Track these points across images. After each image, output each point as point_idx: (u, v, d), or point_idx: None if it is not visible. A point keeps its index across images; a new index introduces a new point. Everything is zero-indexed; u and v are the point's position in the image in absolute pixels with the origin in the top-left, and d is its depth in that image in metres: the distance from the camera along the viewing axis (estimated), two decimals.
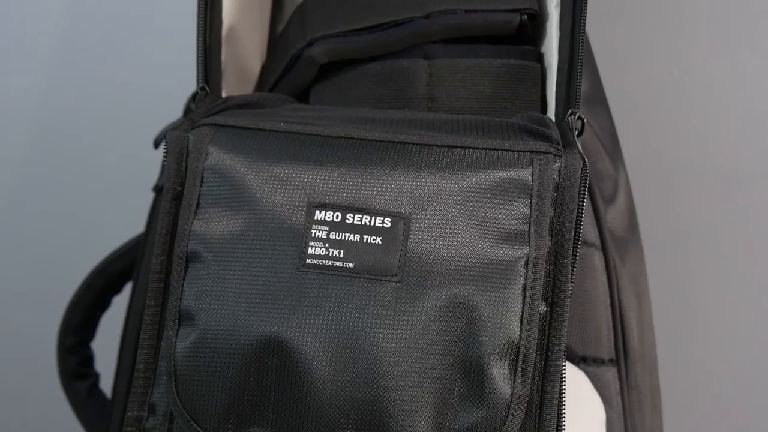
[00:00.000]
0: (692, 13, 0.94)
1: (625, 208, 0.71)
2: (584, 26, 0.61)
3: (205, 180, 0.53)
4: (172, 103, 0.72)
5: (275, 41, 0.72)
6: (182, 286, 0.52)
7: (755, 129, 0.97)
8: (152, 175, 0.70)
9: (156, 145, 0.68)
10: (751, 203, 0.98)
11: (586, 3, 0.61)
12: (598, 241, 0.65)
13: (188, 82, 0.62)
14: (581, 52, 0.60)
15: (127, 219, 0.79)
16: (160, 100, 0.80)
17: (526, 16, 0.63)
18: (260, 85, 0.69)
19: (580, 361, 0.62)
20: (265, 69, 0.70)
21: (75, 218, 1.05)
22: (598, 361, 0.63)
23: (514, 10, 0.63)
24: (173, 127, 0.57)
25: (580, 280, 0.63)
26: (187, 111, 0.63)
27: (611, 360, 0.64)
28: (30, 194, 1.06)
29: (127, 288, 0.72)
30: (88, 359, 0.75)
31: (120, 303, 0.73)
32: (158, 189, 0.68)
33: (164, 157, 0.55)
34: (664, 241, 0.95)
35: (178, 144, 0.55)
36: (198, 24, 0.61)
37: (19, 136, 1.04)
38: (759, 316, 0.99)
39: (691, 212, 0.99)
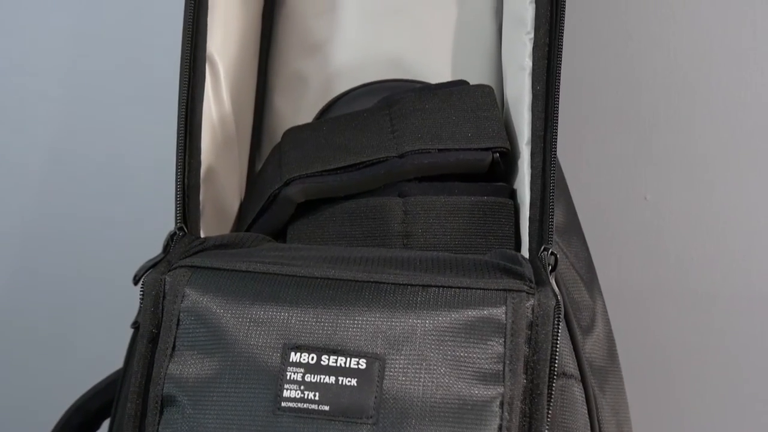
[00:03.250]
0: (664, 140, 0.96)
1: (603, 337, 0.71)
2: (555, 164, 0.62)
3: (181, 322, 0.54)
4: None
5: (254, 179, 0.73)
6: (157, 431, 0.52)
7: (730, 252, 0.98)
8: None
9: (135, 281, 0.69)
10: (728, 326, 0.99)
11: (556, 141, 0.62)
12: (577, 373, 0.65)
13: None
14: (553, 189, 0.61)
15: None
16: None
17: (498, 154, 0.65)
18: (238, 223, 0.70)
19: None
20: (243, 207, 0.71)
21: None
22: None
23: (486, 149, 0.64)
24: (151, 265, 0.58)
25: (559, 413, 0.62)
26: (166, 249, 0.64)
27: None
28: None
29: (106, 424, 0.72)
30: None
31: None
32: (136, 326, 0.68)
33: (141, 299, 0.56)
34: (643, 369, 0.95)
35: (154, 287, 0.55)
36: (177, 165, 0.62)
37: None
38: None
39: (669, 337, 0.99)
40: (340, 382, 0.51)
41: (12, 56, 1.01)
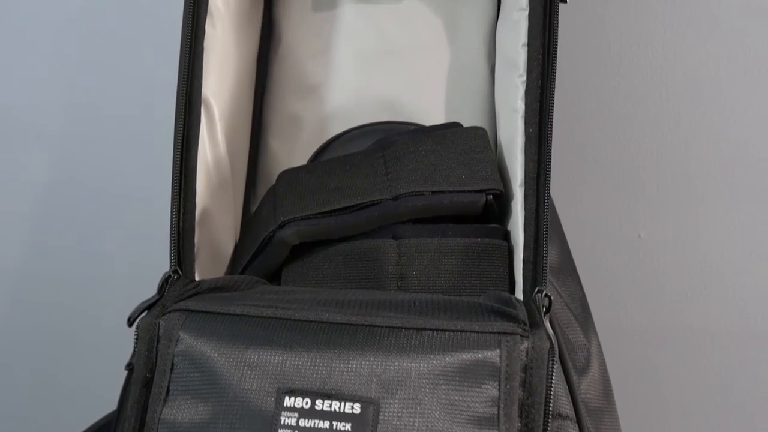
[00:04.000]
0: (657, 177, 0.97)
1: (598, 377, 0.71)
2: (548, 205, 0.63)
3: (175, 366, 0.53)
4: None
5: (248, 221, 0.73)
6: None
7: (724, 288, 0.98)
8: None
9: (130, 323, 0.69)
10: (724, 363, 0.99)
11: (549, 183, 0.63)
12: (572, 414, 0.65)
13: None
14: (546, 230, 0.61)
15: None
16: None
17: (491, 196, 0.65)
18: (233, 265, 0.70)
19: None
20: (238, 249, 0.71)
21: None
22: None
23: (480, 191, 0.65)
24: (145, 307, 0.58)
25: None
26: (161, 290, 0.64)
27: None
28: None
29: None
30: None
31: None
32: (130, 368, 0.68)
33: (135, 342, 0.56)
34: (639, 408, 0.95)
35: (148, 331, 0.55)
36: (172, 208, 0.63)
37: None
38: None
39: (665, 376, 0.99)
40: (334, 427, 0.51)
41: (7, 101, 1.01)
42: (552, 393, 0.53)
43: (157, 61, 0.93)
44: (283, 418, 0.51)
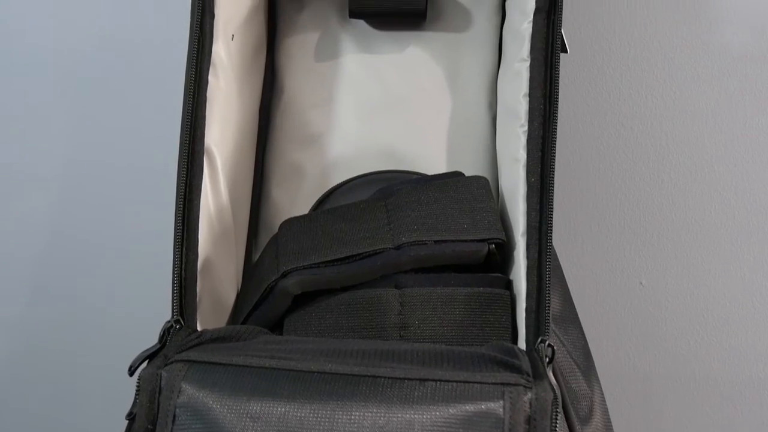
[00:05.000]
0: (658, 225, 0.97)
1: (601, 426, 0.71)
2: (551, 254, 0.63)
3: (177, 418, 0.53)
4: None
5: (250, 270, 0.73)
6: None
7: (726, 336, 0.98)
8: None
9: (131, 372, 0.68)
10: (727, 411, 0.98)
11: (551, 232, 0.63)
12: None
13: None
14: (549, 280, 0.61)
15: None
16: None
17: (493, 246, 0.65)
18: (235, 314, 0.70)
19: None
20: (240, 298, 0.71)
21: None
22: None
23: (482, 240, 0.65)
24: (147, 356, 0.57)
25: None
26: (162, 339, 0.63)
27: None
28: None
29: None
30: None
31: None
32: (131, 417, 0.68)
33: (137, 393, 0.55)
34: None
35: (150, 382, 0.55)
36: (174, 258, 0.63)
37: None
38: None
39: (668, 424, 0.99)
40: None
41: (9, 152, 1.02)
42: None
43: (159, 110, 0.94)
44: None
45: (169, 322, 0.61)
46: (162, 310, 0.65)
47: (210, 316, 0.66)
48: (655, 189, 0.96)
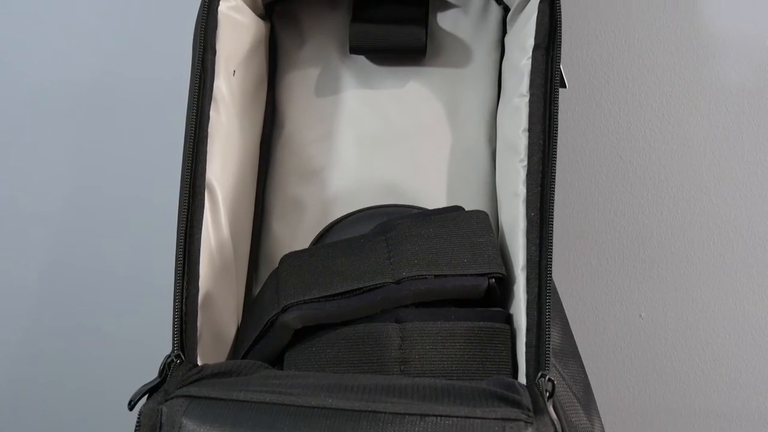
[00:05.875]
0: (657, 258, 0.97)
1: None
2: (551, 288, 0.63)
3: None
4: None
5: (251, 304, 0.73)
6: None
7: (726, 368, 0.98)
8: None
9: (131, 407, 0.68)
10: None
11: (551, 266, 0.63)
12: None
13: None
14: (549, 314, 0.61)
15: None
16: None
17: (493, 280, 0.65)
18: (235, 349, 0.69)
19: None
20: (240, 332, 0.71)
21: None
22: None
23: (482, 275, 0.65)
24: (146, 390, 0.57)
25: None
26: (162, 374, 0.63)
27: None
28: None
29: None
30: None
31: None
32: None
33: (137, 428, 0.55)
34: None
35: (151, 417, 0.55)
36: (175, 292, 0.63)
37: None
38: None
39: None
40: None
41: (11, 183, 1.02)
42: None
43: (161, 144, 0.94)
44: None
45: (169, 356, 0.61)
46: (162, 344, 0.65)
47: (210, 351, 0.66)
48: (653, 222, 0.96)
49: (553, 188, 0.64)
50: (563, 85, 0.70)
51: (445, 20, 0.80)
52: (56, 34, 0.96)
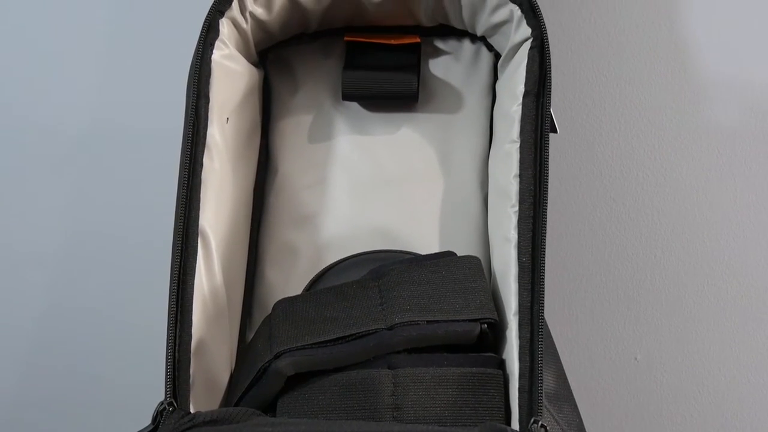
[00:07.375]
0: (652, 300, 0.97)
1: None
2: (543, 333, 0.63)
3: None
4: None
5: (244, 351, 0.73)
6: None
7: (722, 411, 0.98)
8: None
9: None
10: None
11: (543, 312, 0.63)
12: None
13: None
14: (541, 359, 0.61)
15: None
16: None
17: (486, 325, 0.65)
18: (228, 395, 0.69)
19: None
20: (233, 379, 0.71)
21: None
22: None
23: (475, 320, 0.65)
24: None
25: None
26: (155, 421, 0.63)
27: None
28: None
29: None
30: None
31: None
32: None
33: None
34: None
35: None
36: (167, 340, 0.63)
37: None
38: None
39: None
40: None
41: (6, 226, 1.02)
42: None
43: (155, 190, 0.94)
44: None
45: (161, 403, 0.61)
46: (155, 391, 0.65)
47: (203, 398, 0.66)
48: (647, 264, 0.96)
49: (545, 233, 0.65)
50: (554, 130, 0.71)
51: (437, 67, 0.80)
52: (54, 84, 0.97)
